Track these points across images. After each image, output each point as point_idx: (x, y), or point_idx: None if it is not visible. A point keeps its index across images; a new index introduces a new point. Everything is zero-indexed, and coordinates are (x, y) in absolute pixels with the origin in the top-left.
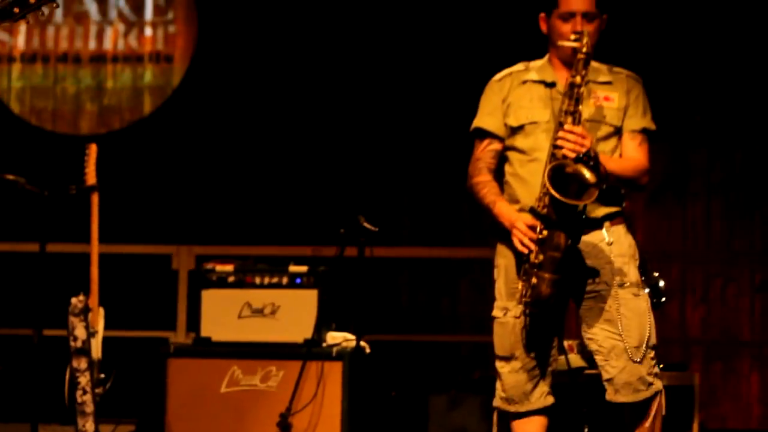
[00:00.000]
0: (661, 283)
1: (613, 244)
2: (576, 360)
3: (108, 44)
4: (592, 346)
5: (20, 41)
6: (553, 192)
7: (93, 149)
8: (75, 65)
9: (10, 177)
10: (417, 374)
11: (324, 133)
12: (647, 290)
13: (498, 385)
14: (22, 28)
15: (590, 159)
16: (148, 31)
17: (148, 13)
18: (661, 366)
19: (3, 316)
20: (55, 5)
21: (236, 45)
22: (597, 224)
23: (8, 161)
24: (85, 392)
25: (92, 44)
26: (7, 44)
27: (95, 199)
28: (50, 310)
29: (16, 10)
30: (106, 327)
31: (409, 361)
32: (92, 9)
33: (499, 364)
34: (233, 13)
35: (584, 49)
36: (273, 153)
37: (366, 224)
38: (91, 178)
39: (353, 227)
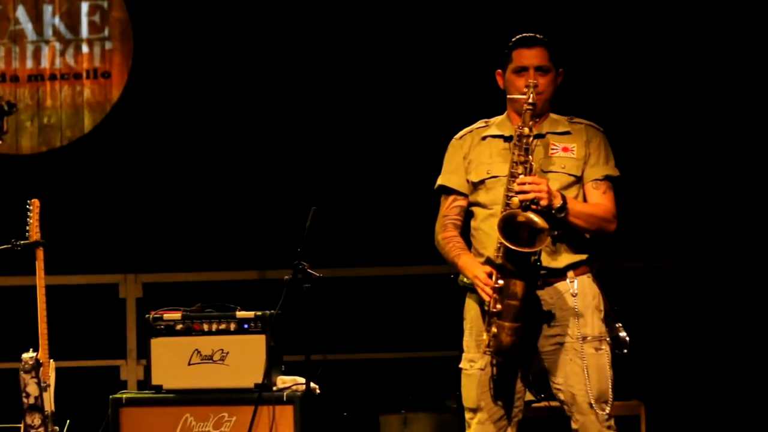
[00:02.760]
0: (623, 334)
1: (577, 295)
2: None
3: (45, 63)
4: (558, 395)
5: None
6: (503, 240)
7: (35, 204)
8: (13, 84)
9: None
10: (368, 393)
11: (267, 148)
12: (609, 341)
13: None
14: None
15: (548, 207)
16: (85, 49)
17: (84, 30)
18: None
19: None
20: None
21: (173, 60)
22: (561, 273)
23: None
24: None
25: (29, 63)
26: None
27: (40, 254)
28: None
29: None
30: (56, 357)
31: (361, 380)
32: (28, 28)
33: (467, 415)
34: (169, 28)
35: (530, 100)
36: (216, 170)
37: (310, 270)
38: (34, 233)
39: (297, 273)
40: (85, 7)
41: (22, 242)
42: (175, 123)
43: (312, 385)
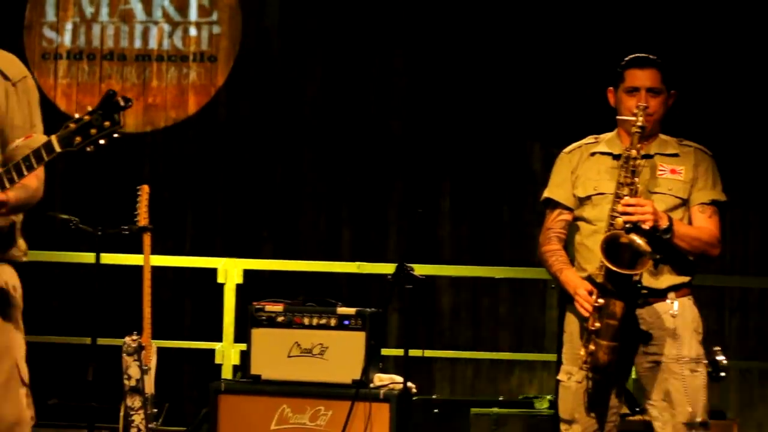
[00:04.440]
0: (720, 358)
1: (677, 316)
2: None
3: (153, 43)
4: (651, 412)
5: (67, 39)
6: (605, 262)
7: (145, 190)
8: (120, 63)
9: (63, 216)
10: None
11: (372, 138)
12: (707, 363)
13: None
14: (69, 25)
15: (653, 228)
16: (193, 31)
17: (193, 13)
18: None
19: (61, 325)
20: (118, 135)
21: (279, 46)
22: (661, 294)
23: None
24: (139, 430)
25: (138, 43)
26: (54, 41)
27: (147, 239)
28: (106, 320)
29: (78, 139)
30: (157, 336)
31: (455, 379)
32: (137, 8)
33: (562, 427)
34: (276, 15)
35: (639, 123)
36: (319, 159)
37: (413, 273)
38: (143, 219)
39: (400, 274)
40: None
41: (130, 227)
42: (278, 109)
43: (409, 384)
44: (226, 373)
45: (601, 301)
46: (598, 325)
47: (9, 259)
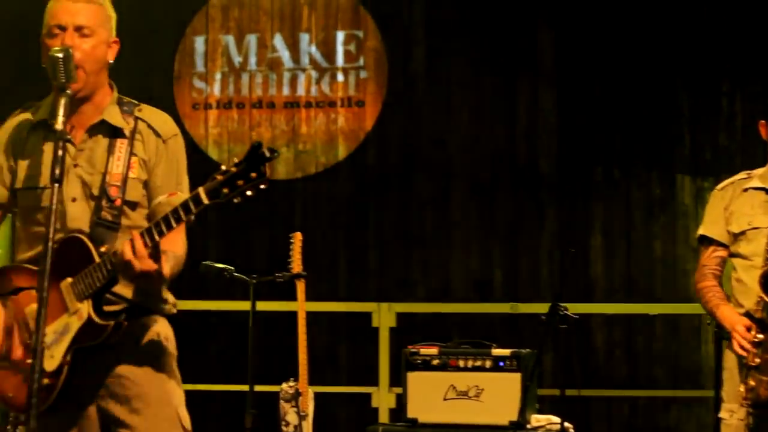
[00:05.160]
0: None
1: None
2: None
3: (301, 90)
4: None
5: (216, 89)
6: (763, 296)
7: (298, 237)
8: (269, 110)
9: (219, 266)
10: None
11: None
12: None
13: None
14: (218, 75)
15: None
16: (340, 77)
17: (340, 59)
18: None
19: (219, 373)
20: (263, 186)
21: (424, 88)
22: None
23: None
24: None
25: (286, 90)
26: (204, 92)
27: (301, 286)
28: (262, 367)
29: (225, 191)
30: (313, 382)
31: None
32: (285, 56)
33: None
34: (423, 57)
35: None
36: (467, 200)
37: (566, 312)
38: (296, 266)
39: (554, 313)
40: (341, 36)
41: (284, 274)
42: (426, 152)
43: (566, 424)
44: (383, 417)
45: (760, 336)
46: (758, 360)
47: (160, 312)
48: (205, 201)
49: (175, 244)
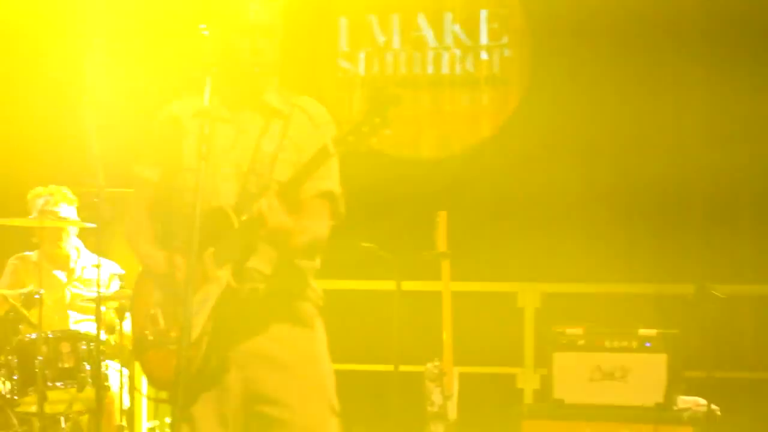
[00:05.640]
0: None
1: None
2: None
3: (445, 69)
4: None
5: (361, 67)
6: None
7: (443, 217)
8: (413, 89)
9: (366, 245)
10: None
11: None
12: None
13: None
14: (362, 55)
15: None
16: (484, 56)
17: (483, 37)
18: None
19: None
20: (387, 131)
21: (570, 67)
22: None
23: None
24: None
25: (430, 69)
26: (348, 71)
27: (446, 266)
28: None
29: (351, 138)
30: (457, 362)
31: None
32: (428, 35)
33: None
34: (567, 35)
35: None
36: (614, 178)
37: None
38: (441, 245)
39: (701, 294)
40: (484, 15)
41: (429, 253)
42: (571, 130)
43: (713, 406)
44: (528, 398)
45: None
46: None
47: (305, 298)
48: (332, 150)
49: (315, 224)
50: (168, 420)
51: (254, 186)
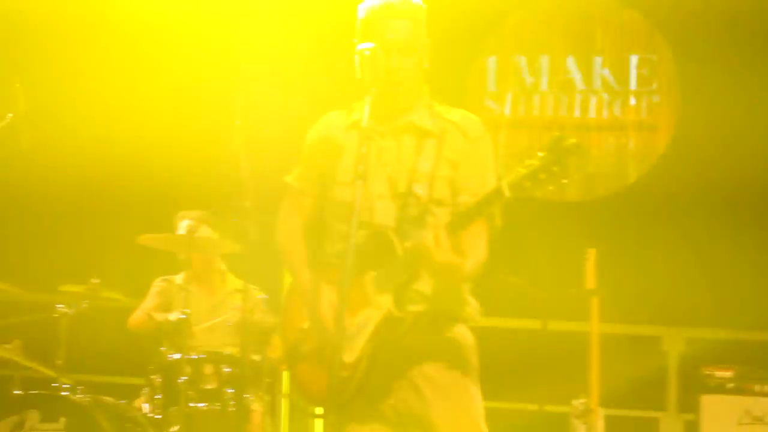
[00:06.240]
0: None
1: None
2: None
3: (592, 113)
4: None
5: (507, 108)
6: None
7: (591, 254)
8: (560, 132)
9: (514, 279)
10: None
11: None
12: None
13: None
14: (509, 96)
15: None
16: (633, 101)
17: (633, 82)
18: None
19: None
20: (565, 180)
21: (718, 113)
22: None
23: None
24: None
25: (577, 112)
26: (494, 110)
27: (595, 303)
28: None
29: (527, 183)
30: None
31: None
32: (577, 78)
33: None
34: (716, 82)
35: None
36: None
37: None
38: (590, 282)
39: None
40: (634, 60)
41: (577, 290)
42: (718, 177)
43: None
44: None
45: None
46: None
47: (463, 318)
48: (507, 193)
49: (477, 248)
50: None
51: (413, 208)
